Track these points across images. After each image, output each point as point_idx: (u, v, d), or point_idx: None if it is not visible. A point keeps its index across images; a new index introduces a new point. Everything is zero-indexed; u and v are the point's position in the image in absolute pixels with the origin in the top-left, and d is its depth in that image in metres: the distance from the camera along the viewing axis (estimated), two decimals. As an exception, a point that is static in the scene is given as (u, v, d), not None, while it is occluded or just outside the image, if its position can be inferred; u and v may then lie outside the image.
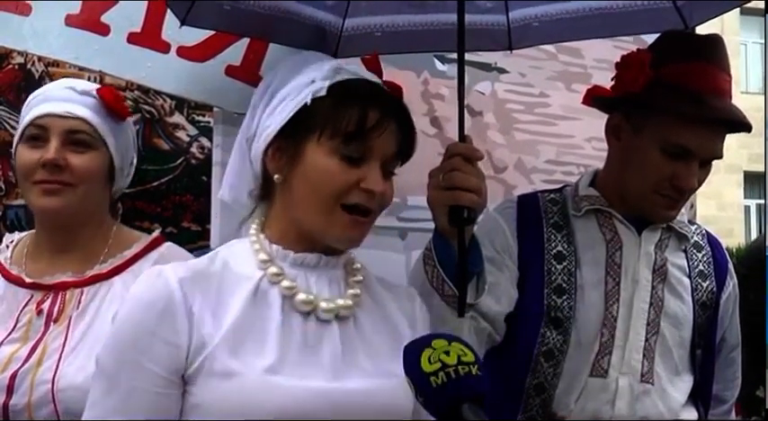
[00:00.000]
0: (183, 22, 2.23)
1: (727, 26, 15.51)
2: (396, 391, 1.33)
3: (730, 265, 2.13)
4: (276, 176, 1.45)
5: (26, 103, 1.90)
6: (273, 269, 1.42)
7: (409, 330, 1.50)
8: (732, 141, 1.94)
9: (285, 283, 1.41)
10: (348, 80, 1.45)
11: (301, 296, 1.41)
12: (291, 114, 1.43)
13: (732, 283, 2.11)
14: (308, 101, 1.42)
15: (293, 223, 1.45)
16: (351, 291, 1.46)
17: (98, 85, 1.90)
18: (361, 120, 1.40)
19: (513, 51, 2.48)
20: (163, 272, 1.38)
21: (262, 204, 1.52)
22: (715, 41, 1.95)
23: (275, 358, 1.34)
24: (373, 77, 1.52)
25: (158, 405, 1.33)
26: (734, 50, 16.69)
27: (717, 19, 2.30)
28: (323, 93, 1.42)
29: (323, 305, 1.41)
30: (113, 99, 1.89)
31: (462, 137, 1.80)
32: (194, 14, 2.21)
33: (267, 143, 1.45)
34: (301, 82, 1.45)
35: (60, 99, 1.84)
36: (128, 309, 1.38)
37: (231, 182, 1.55)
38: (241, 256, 1.45)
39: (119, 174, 1.93)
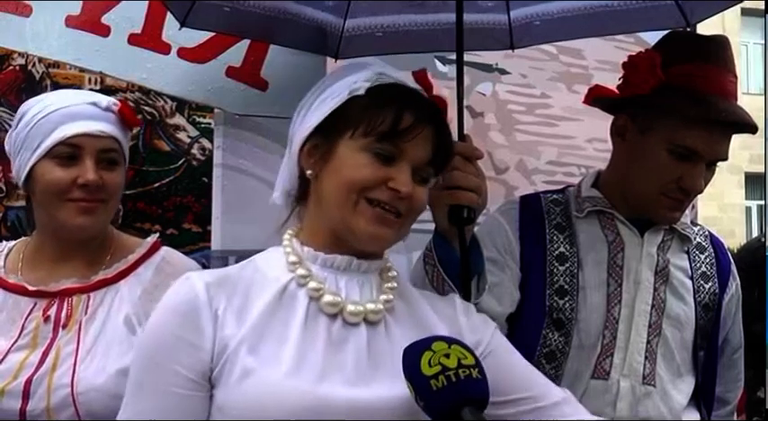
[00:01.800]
0: (182, 24, 2.23)
1: (728, 27, 15.50)
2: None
3: (733, 267, 2.12)
4: (309, 172, 1.45)
5: (40, 115, 1.84)
6: (301, 271, 1.41)
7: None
8: (733, 142, 1.93)
9: (312, 284, 1.40)
10: (389, 84, 1.45)
11: (328, 298, 1.39)
12: (330, 111, 1.44)
13: (735, 285, 2.10)
14: (345, 97, 1.43)
15: (323, 221, 1.44)
16: (383, 297, 1.43)
17: (114, 100, 1.89)
18: (395, 121, 1.39)
19: (514, 52, 2.47)
20: (190, 277, 1.39)
21: (299, 208, 1.52)
22: (721, 42, 1.94)
23: (293, 359, 1.32)
24: (417, 87, 1.51)
25: (184, 406, 1.32)
26: (734, 51, 16.66)
27: (718, 19, 2.30)
28: (361, 91, 1.43)
29: (350, 308, 1.39)
30: (131, 114, 1.92)
31: (462, 136, 1.80)
32: (194, 16, 2.20)
33: (303, 139, 1.46)
34: (344, 84, 1.46)
35: (89, 117, 1.83)
36: (155, 314, 1.39)
37: (282, 184, 1.53)
38: (273, 261, 1.45)
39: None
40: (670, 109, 1.86)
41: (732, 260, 2.13)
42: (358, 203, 1.39)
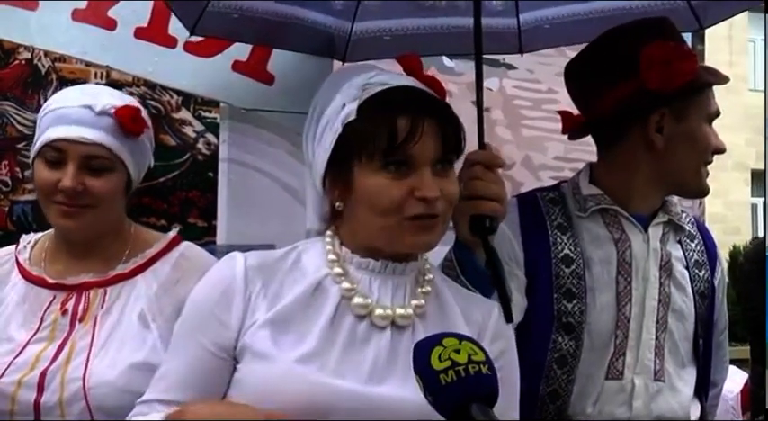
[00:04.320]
0: (192, 32, 2.24)
1: (735, 24, 15.45)
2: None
3: (719, 250, 2.14)
4: (337, 204, 1.47)
5: (43, 109, 1.86)
6: (338, 269, 1.44)
7: None
8: (740, 140, 1.97)
9: (345, 285, 1.43)
10: (376, 94, 1.43)
11: (358, 300, 1.42)
12: (332, 145, 1.44)
13: (721, 268, 2.11)
14: (339, 129, 1.43)
15: (362, 234, 1.46)
16: (415, 302, 1.45)
17: (117, 103, 1.85)
18: (391, 135, 1.38)
19: (522, 47, 2.47)
20: (235, 256, 1.46)
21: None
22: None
23: (311, 351, 1.36)
24: (406, 80, 1.49)
25: (204, 373, 1.41)
26: (741, 48, 16.63)
27: (725, 15, 2.29)
28: (353, 116, 1.42)
29: (378, 312, 1.42)
30: (131, 120, 1.85)
31: (482, 144, 1.78)
32: (203, 23, 2.21)
33: (321, 175, 1.47)
34: (335, 107, 1.45)
35: (76, 121, 1.80)
36: (198, 287, 1.49)
37: (313, 212, 1.55)
38: (314, 253, 1.48)
39: (135, 183, 1.93)
40: (706, 83, 1.93)
41: (717, 243, 2.15)
42: (399, 223, 1.41)
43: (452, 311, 1.49)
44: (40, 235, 1.96)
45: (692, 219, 2.11)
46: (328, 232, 1.50)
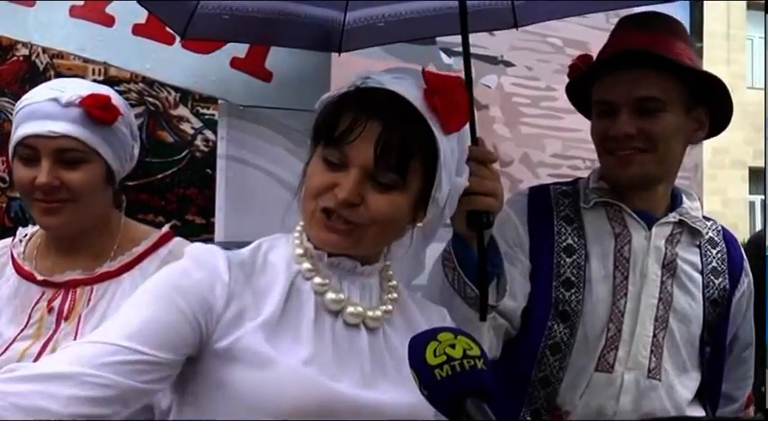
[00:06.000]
0: (182, 37, 2.23)
1: (733, 21, 15.47)
2: (426, 410, 1.25)
3: (745, 263, 2.10)
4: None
5: (15, 107, 1.84)
6: (307, 264, 1.44)
7: None
8: (738, 137, 1.95)
9: (317, 280, 1.43)
10: (356, 89, 1.43)
11: (331, 295, 1.42)
12: (313, 127, 1.47)
13: (747, 281, 2.08)
14: (316, 113, 1.46)
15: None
16: (383, 307, 1.47)
17: (84, 93, 1.81)
18: (331, 125, 1.40)
19: (518, 47, 2.46)
20: (216, 249, 1.42)
21: None
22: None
23: (310, 353, 1.36)
24: (402, 87, 1.41)
25: (168, 331, 1.32)
26: (740, 45, 16.64)
27: (723, 13, 2.31)
28: (327, 103, 1.45)
29: (350, 309, 1.42)
30: (100, 108, 1.81)
31: (475, 140, 1.78)
32: (193, 27, 2.20)
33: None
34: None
35: (44, 116, 1.77)
36: (180, 261, 1.40)
37: None
38: (281, 249, 1.47)
39: (118, 175, 1.90)
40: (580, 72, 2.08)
41: (745, 256, 2.12)
42: (315, 211, 1.41)
43: (416, 318, 1.51)
44: (35, 228, 1.95)
45: (719, 228, 2.10)
46: (297, 227, 1.48)
